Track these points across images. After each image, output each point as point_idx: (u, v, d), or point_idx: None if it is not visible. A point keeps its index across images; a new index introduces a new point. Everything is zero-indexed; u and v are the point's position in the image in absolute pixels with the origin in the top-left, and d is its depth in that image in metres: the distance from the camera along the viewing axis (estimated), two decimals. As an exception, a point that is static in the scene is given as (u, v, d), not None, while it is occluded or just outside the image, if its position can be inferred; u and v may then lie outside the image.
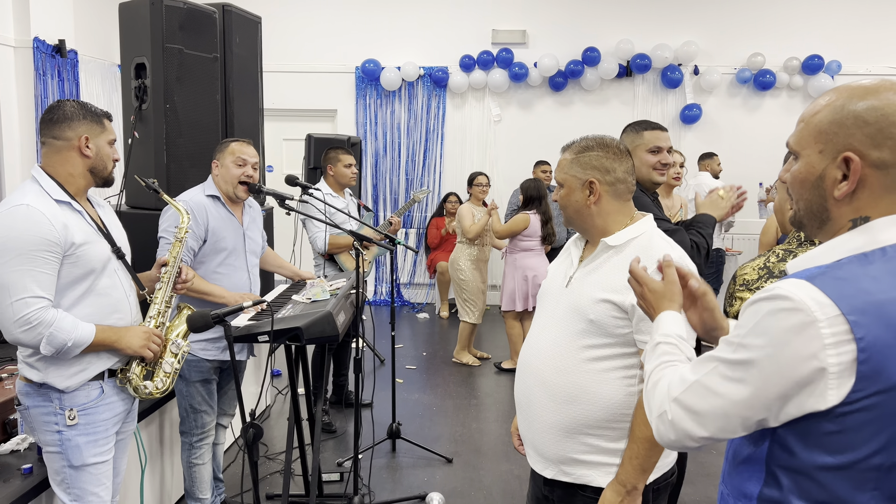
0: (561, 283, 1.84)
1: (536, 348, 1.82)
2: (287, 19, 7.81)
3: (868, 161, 1.04)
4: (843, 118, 1.05)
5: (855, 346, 0.96)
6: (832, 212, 1.09)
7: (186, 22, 3.53)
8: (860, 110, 1.04)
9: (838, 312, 0.96)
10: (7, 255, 1.96)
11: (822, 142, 1.07)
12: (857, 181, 1.05)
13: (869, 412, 0.98)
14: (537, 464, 1.84)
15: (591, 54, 7.63)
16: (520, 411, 1.88)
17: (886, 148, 1.02)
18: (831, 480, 1.02)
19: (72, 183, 2.15)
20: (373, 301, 8.04)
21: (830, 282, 0.99)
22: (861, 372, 0.96)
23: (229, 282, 3.00)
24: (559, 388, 1.74)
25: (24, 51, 5.49)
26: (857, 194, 1.06)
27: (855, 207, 1.07)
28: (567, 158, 1.83)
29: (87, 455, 2.14)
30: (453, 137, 8.02)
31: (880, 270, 1.01)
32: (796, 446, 1.04)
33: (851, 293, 0.98)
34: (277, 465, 3.84)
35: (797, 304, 0.98)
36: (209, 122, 3.75)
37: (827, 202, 1.09)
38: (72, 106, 2.16)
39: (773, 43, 7.66)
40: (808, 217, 1.13)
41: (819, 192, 1.09)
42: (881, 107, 1.03)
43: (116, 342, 2.15)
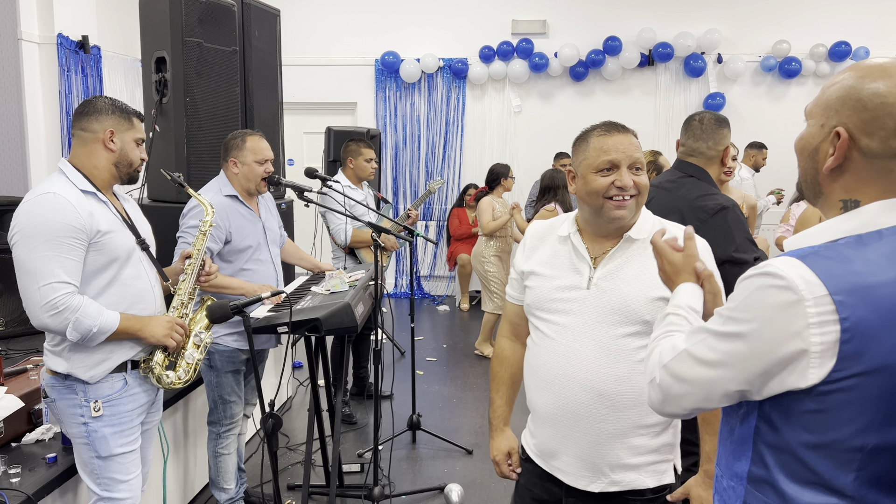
0: (575, 284, 1.70)
1: (578, 359, 1.65)
2: (306, 12, 7.83)
3: (857, 145, 1.05)
4: (847, 97, 1.06)
5: (839, 327, 0.96)
6: (823, 186, 1.11)
7: (205, 15, 3.55)
8: (864, 94, 1.04)
9: (825, 292, 0.97)
10: (34, 241, 1.99)
11: (825, 116, 1.09)
12: (844, 160, 1.06)
13: (849, 393, 0.98)
14: (581, 480, 1.71)
15: (613, 43, 7.54)
16: (559, 428, 1.70)
17: (876, 137, 1.03)
18: (814, 459, 1.02)
19: (97, 175, 2.19)
20: (393, 294, 8.06)
21: (821, 261, 1.00)
22: (843, 352, 0.96)
23: (258, 277, 3.01)
24: (620, 396, 1.63)
25: (48, 47, 5.57)
26: (844, 174, 1.07)
27: (843, 187, 1.08)
28: None
29: (113, 445, 2.17)
30: (473, 129, 7.99)
31: (874, 253, 1.00)
32: (780, 423, 1.05)
33: (841, 274, 0.98)
34: (298, 455, 3.87)
35: (786, 283, 0.99)
36: (229, 116, 3.77)
37: (818, 175, 1.11)
38: (103, 101, 2.21)
39: (799, 29, 7.52)
40: (805, 185, 1.16)
41: (812, 164, 1.12)
42: (885, 95, 1.02)
43: (140, 330, 2.17)
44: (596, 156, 1.66)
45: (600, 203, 1.66)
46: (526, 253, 1.84)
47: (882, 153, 1.03)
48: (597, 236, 1.73)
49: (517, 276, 1.87)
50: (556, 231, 1.80)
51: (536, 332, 1.77)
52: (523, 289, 1.84)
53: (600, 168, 1.65)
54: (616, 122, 1.71)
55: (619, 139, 1.66)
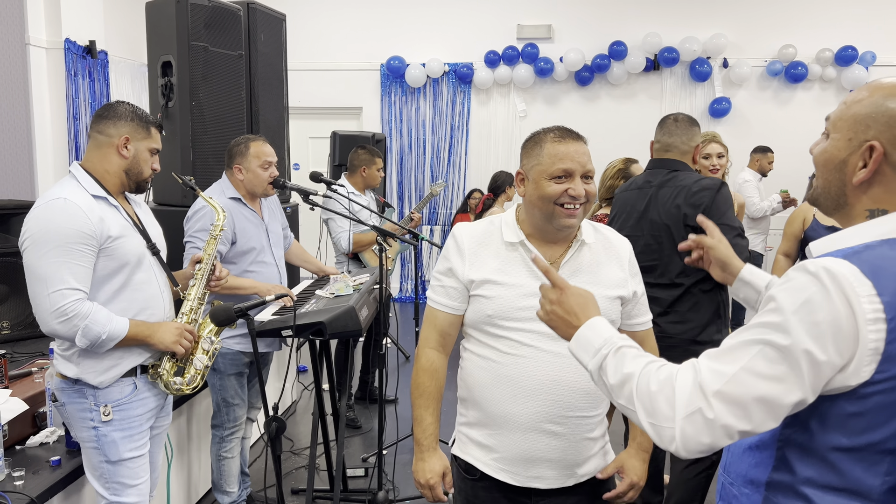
0: (537, 292, 1.64)
1: (562, 362, 1.64)
2: (312, 18, 7.86)
3: (889, 159, 1.08)
4: (878, 114, 1.08)
5: (886, 326, 0.98)
6: (849, 197, 1.14)
7: (211, 20, 3.56)
8: (893, 108, 1.07)
9: (874, 291, 0.98)
10: (45, 248, 2.00)
11: (853, 130, 1.11)
12: (875, 173, 1.09)
13: (888, 395, 1.00)
14: (559, 480, 1.72)
15: (618, 48, 7.54)
16: (543, 435, 1.67)
17: None
18: (845, 463, 1.04)
19: (108, 180, 2.19)
20: (398, 298, 8.05)
21: (866, 261, 1.01)
22: (887, 352, 0.98)
23: (262, 279, 3.02)
24: (597, 393, 1.69)
25: (55, 52, 5.60)
26: (874, 186, 1.10)
27: (871, 198, 1.11)
28: None
29: (123, 450, 2.17)
30: (478, 133, 7.99)
31: None
32: (815, 427, 1.05)
33: (886, 274, 1.00)
34: (302, 460, 3.86)
35: (840, 282, 0.99)
36: (234, 120, 3.77)
37: (846, 187, 1.13)
38: (124, 107, 2.21)
39: (805, 34, 7.50)
40: (825, 196, 1.17)
41: (839, 176, 1.13)
42: None
43: (149, 337, 2.17)
44: (550, 162, 1.64)
45: (551, 209, 1.65)
46: (467, 259, 1.73)
47: None
48: (545, 241, 1.72)
49: (457, 284, 1.74)
50: (495, 236, 1.75)
51: (504, 342, 1.69)
52: (465, 298, 1.75)
53: (554, 175, 1.64)
54: (569, 129, 1.69)
55: (575, 147, 1.65)
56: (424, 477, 1.79)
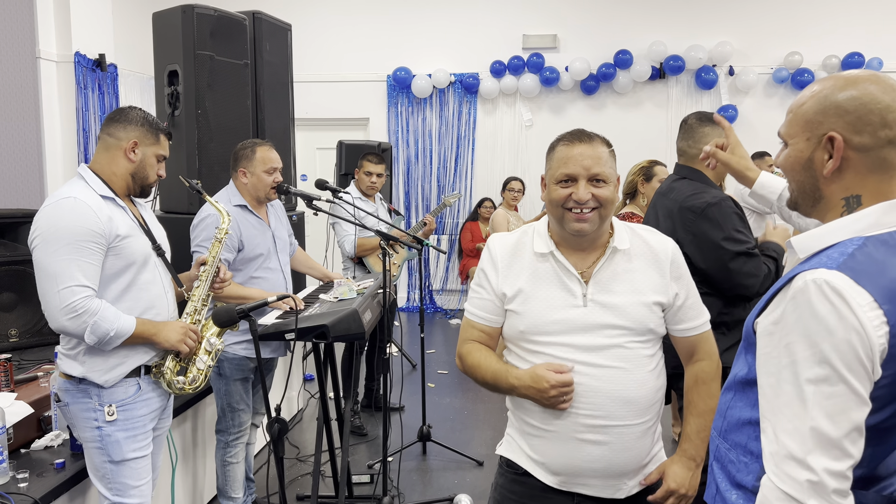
0: (570, 303, 1.65)
1: (599, 372, 1.62)
2: (319, 29, 7.93)
3: (850, 145, 1.12)
4: (826, 108, 1.14)
5: (888, 331, 1.03)
6: (824, 190, 1.18)
7: (217, 29, 3.60)
8: (841, 100, 1.13)
9: (871, 300, 1.03)
10: (55, 245, 2.02)
11: (808, 130, 1.17)
12: (842, 160, 1.13)
13: (888, 389, 1.07)
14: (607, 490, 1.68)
15: (623, 57, 7.56)
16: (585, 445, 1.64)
17: (866, 133, 1.11)
18: None
19: (115, 182, 2.22)
20: (405, 307, 8.05)
21: (856, 269, 1.05)
22: (890, 354, 1.04)
23: (268, 285, 3.04)
24: (641, 399, 1.65)
25: (65, 65, 5.67)
26: (844, 174, 1.15)
27: (844, 186, 1.16)
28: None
29: (126, 450, 2.18)
30: (484, 143, 8.02)
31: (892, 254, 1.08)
32: None
33: (877, 277, 1.05)
34: (308, 467, 3.86)
35: (844, 296, 1.03)
36: (240, 128, 3.81)
37: (818, 182, 1.18)
38: (136, 112, 2.25)
39: (811, 41, 7.50)
40: (802, 197, 1.22)
41: (810, 174, 1.19)
42: (860, 96, 1.12)
43: (155, 335, 2.19)
44: (556, 167, 1.65)
45: (561, 213, 1.64)
46: (501, 272, 1.71)
47: (874, 145, 1.11)
48: (575, 250, 1.69)
49: (492, 297, 1.72)
50: (527, 247, 1.72)
51: (539, 357, 1.65)
52: (501, 312, 1.72)
53: (559, 179, 1.63)
54: (584, 132, 1.67)
55: (582, 150, 1.62)
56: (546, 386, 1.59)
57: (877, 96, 1.11)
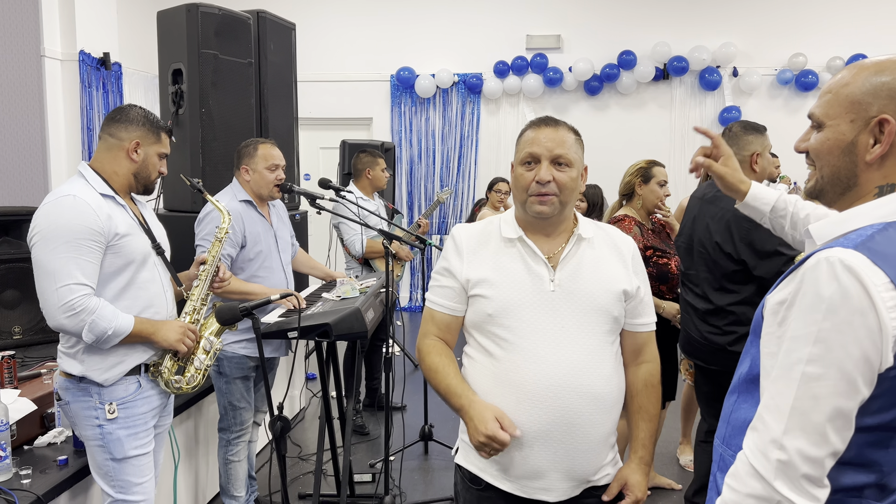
0: (537, 288, 1.62)
1: (567, 364, 1.58)
2: (322, 29, 7.93)
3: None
4: (878, 89, 1.08)
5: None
6: (860, 177, 1.12)
7: (221, 28, 3.61)
8: (889, 80, 1.07)
9: (887, 280, 0.99)
10: (54, 243, 2.03)
11: (853, 111, 1.10)
12: (890, 147, 1.07)
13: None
14: (567, 492, 1.63)
15: (627, 57, 7.55)
16: (550, 443, 1.59)
17: None
18: (856, 440, 1.03)
19: (115, 181, 2.23)
20: (407, 307, 8.06)
21: (875, 250, 1.01)
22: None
23: (269, 284, 3.04)
24: (608, 395, 1.61)
25: (70, 64, 5.68)
26: (886, 161, 1.09)
27: (883, 174, 1.10)
28: None
29: (128, 448, 2.18)
30: (488, 143, 8.02)
31: None
32: None
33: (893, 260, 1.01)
34: (310, 465, 3.86)
35: (859, 274, 0.99)
36: (244, 127, 3.81)
37: (857, 167, 1.11)
38: (136, 111, 2.25)
39: (815, 42, 7.48)
40: (833, 184, 1.15)
41: (849, 159, 1.12)
42: None
43: (153, 334, 2.19)
44: (522, 148, 1.66)
45: (524, 198, 1.65)
46: (466, 258, 1.69)
47: None
48: (540, 235, 1.69)
49: (455, 284, 1.69)
50: (493, 234, 1.71)
51: (506, 345, 1.61)
52: (464, 299, 1.69)
53: (524, 160, 1.64)
54: (551, 117, 1.68)
55: (547, 133, 1.63)
56: (482, 431, 1.53)
57: None
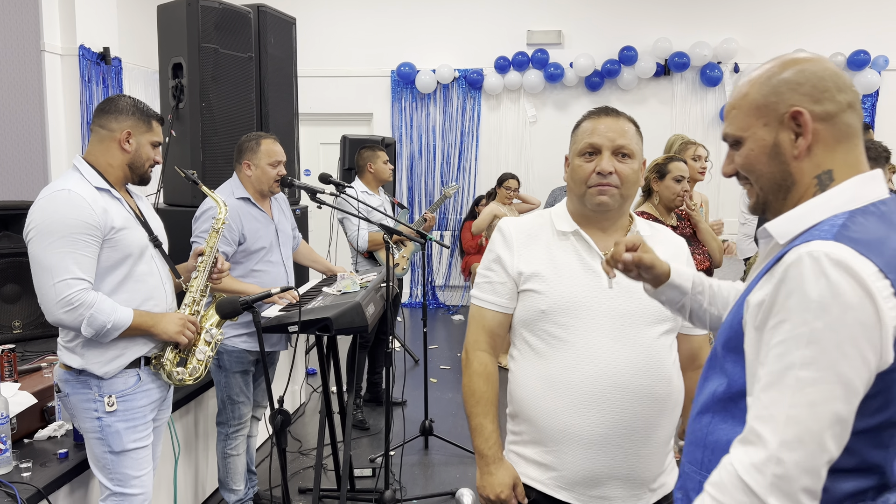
0: (594, 284, 1.55)
1: (627, 364, 1.51)
2: (323, 24, 7.91)
3: (815, 116, 1.05)
4: (777, 87, 1.08)
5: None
6: (795, 174, 1.09)
7: (222, 22, 3.60)
8: (789, 77, 1.07)
9: (876, 269, 0.95)
10: (50, 238, 2.02)
11: (764, 115, 1.09)
12: (813, 135, 1.06)
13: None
14: (629, 501, 1.56)
15: (628, 53, 7.54)
16: (609, 448, 1.52)
17: (826, 100, 1.05)
18: (857, 444, 0.99)
19: (111, 173, 2.21)
20: (407, 303, 8.05)
21: (855, 239, 0.97)
22: None
23: (269, 278, 3.03)
24: (668, 398, 1.55)
25: (70, 58, 5.67)
26: (813, 150, 1.07)
27: (815, 163, 1.08)
28: None
29: (126, 441, 2.18)
30: (488, 139, 8.01)
31: (884, 227, 1.01)
32: None
33: (878, 248, 0.97)
34: (310, 460, 3.86)
35: (840, 264, 0.94)
36: (244, 121, 3.80)
37: (789, 166, 1.09)
38: (126, 101, 2.22)
39: (817, 38, 7.45)
40: (773, 191, 1.12)
41: (780, 160, 1.10)
42: (806, 69, 1.07)
43: (153, 327, 2.19)
44: (581, 138, 1.61)
45: (583, 190, 1.59)
46: (516, 251, 1.62)
47: (837, 111, 1.05)
48: (596, 230, 1.63)
49: (506, 279, 1.62)
50: (545, 228, 1.65)
51: (557, 343, 1.54)
52: (514, 295, 1.63)
53: (583, 151, 1.59)
54: (611, 107, 1.64)
55: (608, 123, 1.59)
56: (494, 492, 1.57)
57: (821, 65, 1.07)
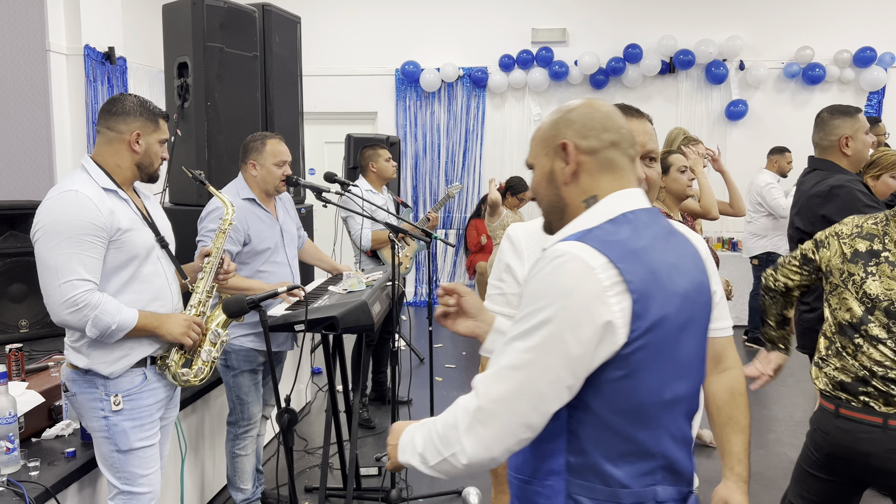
0: None
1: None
2: (327, 23, 7.91)
3: (580, 149, 1.23)
4: (557, 123, 1.27)
5: (626, 287, 1.09)
6: (566, 198, 1.26)
7: (227, 21, 3.60)
8: (568, 115, 1.26)
9: (607, 260, 1.10)
10: (56, 239, 2.02)
11: (545, 146, 1.28)
12: (577, 165, 1.24)
13: (645, 351, 1.11)
14: None
15: (633, 51, 7.52)
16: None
17: (592, 137, 1.23)
18: (626, 426, 1.13)
19: (119, 173, 2.21)
20: (412, 302, 8.05)
21: (594, 239, 1.13)
22: (635, 312, 1.09)
23: (275, 278, 3.03)
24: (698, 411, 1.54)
25: (75, 58, 5.68)
26: (580, 178, 1.24)
27: (581, 189, 1.24)
28: None
29: (133, 439, 2.19)
30: (493, 138, 8.00)
31: (627, 229, 1.17)
32: (592, 400, 1.13)
33: (612, 245, 1.12)
34: (316, 459, 3.87)
35: (574, 257, 1.10)
36: (249, 120, 3.81)
37: (560, 190, 1.26)
38: (132, 101, 2.21)
39: (823, 35, 7.43)
40: (551, 212, 1.29)
41: (553, 185, 1.27)
42: (581, 111, 1.26)
43: (158, 328, 2.19)
44: None
45: None
46: (525, 259, 1.53)
47: (601, 147, 1.23)
48: None
49: (518, 289, 1.53)
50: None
51: None
52: None
53: None
54: (633, 108, 1.55)
55: (636, 126, 1.50)
56: None
57: (597, 109, 1.25)
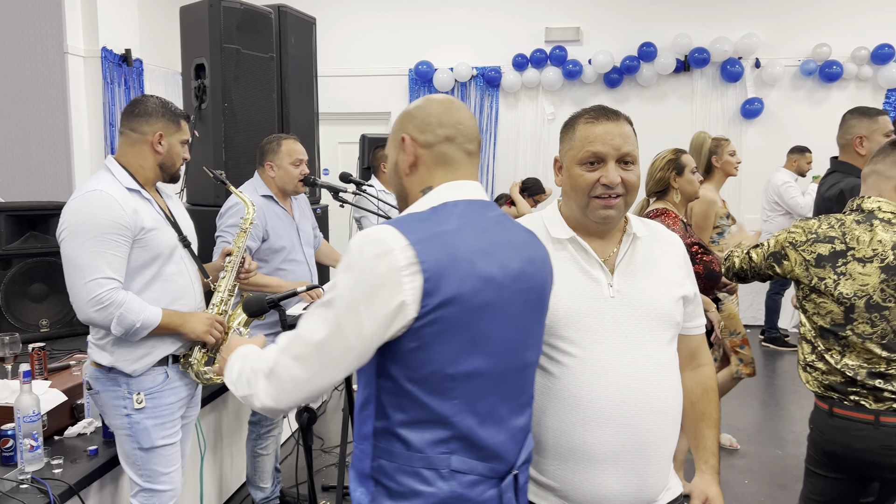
0: (596, 293, 1.47)
1: (636, 378, 1.43)
2: (341, 23, 7.94)
3: (418, 143, 1.34)
4: (402, 118, 1.38)
5: (420, 267, 1.17)
6: (407, 187, 1.37)
7: (243, 22, 3.62)
8: (411, 110, 1.37)
9: (407, 242, 1.17)
10: (82, 237, 2.05)
11: (394, 139, 1.39)
12: (415, 157, 1.34)
13: (436, 325, 1.18)
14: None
15: (647, 49, 7.48)
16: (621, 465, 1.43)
17: (429, 132, 1.34)
18: (422, 396, 1.20)
19: (142, 174, 2.25)
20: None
21: (403, 224, 1.22)
22: (426, 290, 1.16)
23: (293, 277, 3.05)
24: (676, 409, 1.51)
25: (92, 60, 5.74)
26: (418, 170, 1.35)
27: (420, 180, 1.35)
28: None
29: (155, 437, 2.21)
30: (506, 137, 7.99)
31: (444, 213, 1.26)
32: (392, 370, 1.21)
33: (418, 229, 1.21)
34: (333, 458, 3.88)
35: (377, 239, 1.18)
36: (266, 121, 3.83)
37: (402, 180, 1.38)
38: (154, 102, 2.25)
39: (840, 32, 7.36)
40: (400, 200, 1.41)
41: (398, 176, 1.39)
42: (424, 107, 1.36)
43: (181, 326, 2.21)
44: (580, 146, 1.48)
45: (585, 201, 1.49)
46: None
47: (436, 141, 1.33)
48: (594, 237, 1.54)
49: None
50: (541, 234, 1.53)
51: (563, 357, 1.45)
52: None
53: (584, 160, 1.47)
54: (606, 108, 1.52)
55: (608, 128, 1.47)
56: None
57: (436, 105, 1.35)
